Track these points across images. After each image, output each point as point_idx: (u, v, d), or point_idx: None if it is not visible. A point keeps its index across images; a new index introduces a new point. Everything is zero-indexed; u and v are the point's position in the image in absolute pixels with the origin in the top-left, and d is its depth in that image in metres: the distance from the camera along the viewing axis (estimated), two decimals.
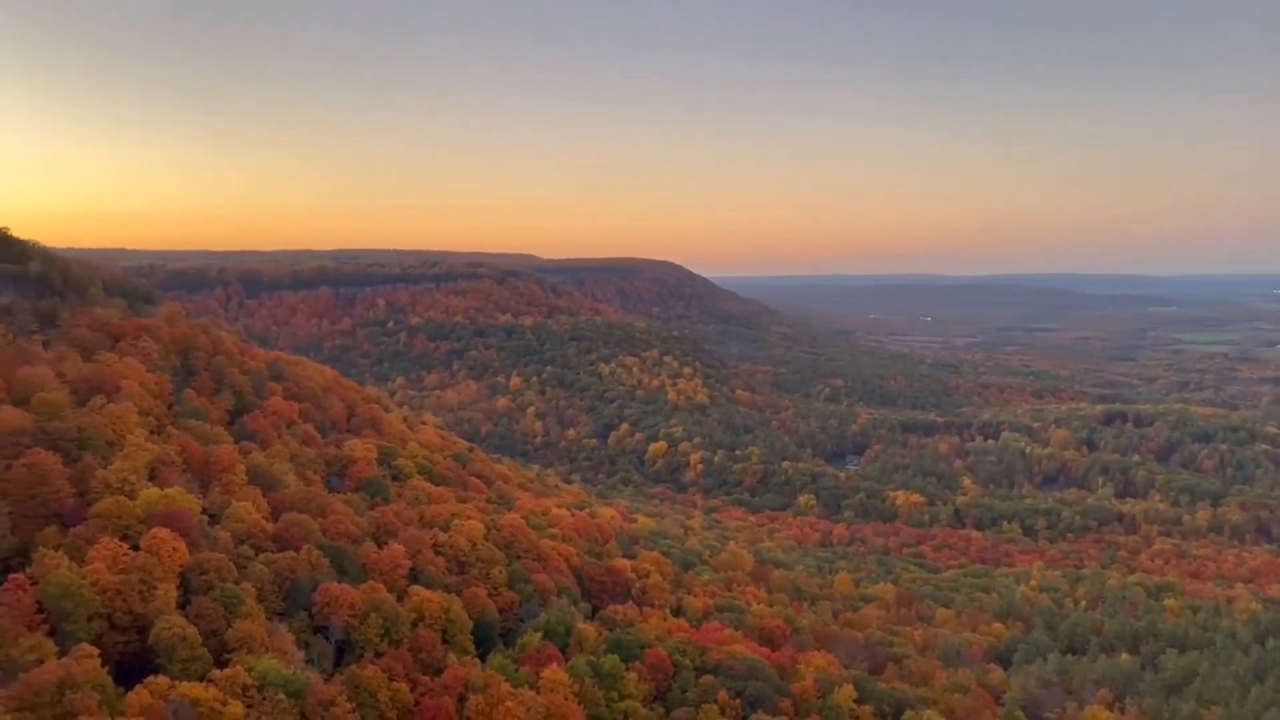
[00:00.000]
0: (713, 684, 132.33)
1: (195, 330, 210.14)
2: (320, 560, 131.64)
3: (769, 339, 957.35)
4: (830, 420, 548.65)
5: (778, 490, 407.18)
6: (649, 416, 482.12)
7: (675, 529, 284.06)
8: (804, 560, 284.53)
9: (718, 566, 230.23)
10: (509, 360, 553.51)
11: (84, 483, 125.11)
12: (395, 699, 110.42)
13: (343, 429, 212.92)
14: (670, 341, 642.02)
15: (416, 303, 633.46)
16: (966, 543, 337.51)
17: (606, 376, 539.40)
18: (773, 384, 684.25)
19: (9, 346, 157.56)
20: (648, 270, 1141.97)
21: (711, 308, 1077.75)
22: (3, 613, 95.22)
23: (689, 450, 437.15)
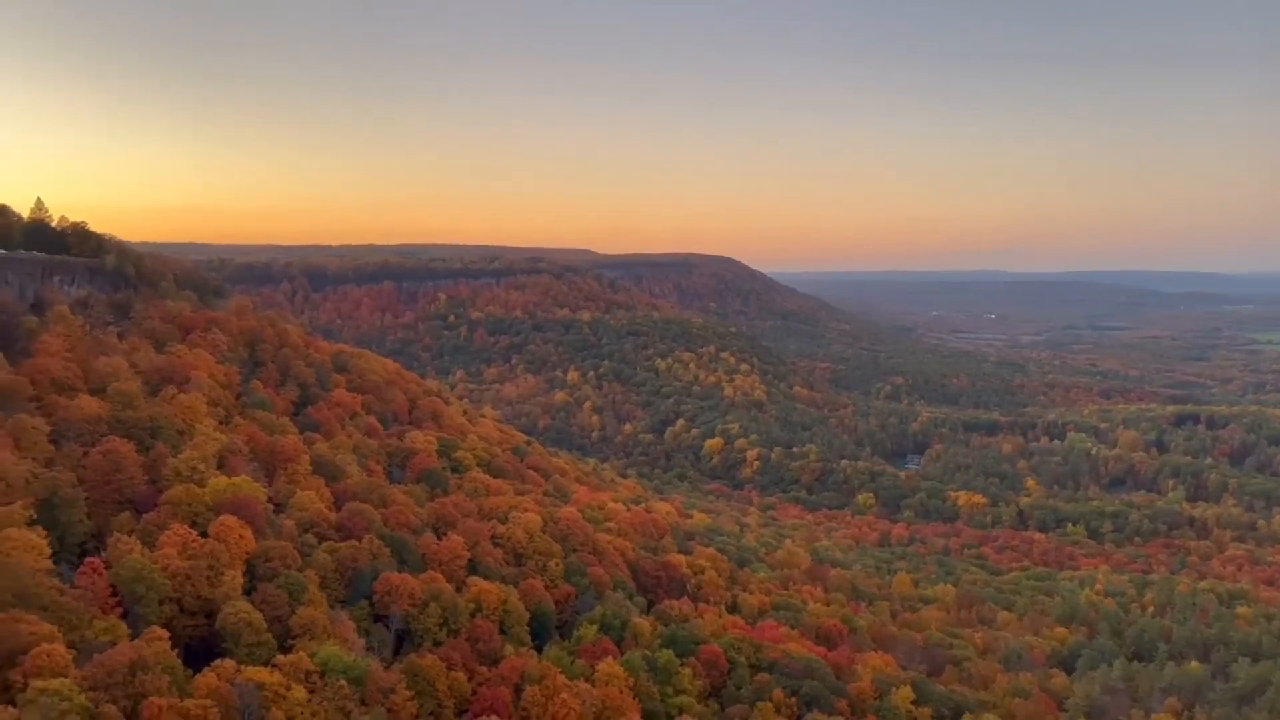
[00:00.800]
0: (768, 682, 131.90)
1: (262, 323, 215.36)
2: (381, 550, 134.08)
3: (828, 335, 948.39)
4: (890, 419, 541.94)
5: (836, 489, 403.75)
6: (705, 412, 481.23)
7: (731, 526, 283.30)
8: (862, 560, 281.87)
9: (774, 564, 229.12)
10: (567, 355, 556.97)
11: (156, 470, 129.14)
12: (453, 688, 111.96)
13: (404, 421, 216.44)
14: (727, 337, 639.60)
15: (477, 297, 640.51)
16: (1029, 545, 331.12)
17: (663, 372, 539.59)
18: (831, 381, 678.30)
19: (86, 337, 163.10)
20: (705, 266, 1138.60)
21: (769, 303, 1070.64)
22: (79, 595, 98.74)
23: (745, 447, 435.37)
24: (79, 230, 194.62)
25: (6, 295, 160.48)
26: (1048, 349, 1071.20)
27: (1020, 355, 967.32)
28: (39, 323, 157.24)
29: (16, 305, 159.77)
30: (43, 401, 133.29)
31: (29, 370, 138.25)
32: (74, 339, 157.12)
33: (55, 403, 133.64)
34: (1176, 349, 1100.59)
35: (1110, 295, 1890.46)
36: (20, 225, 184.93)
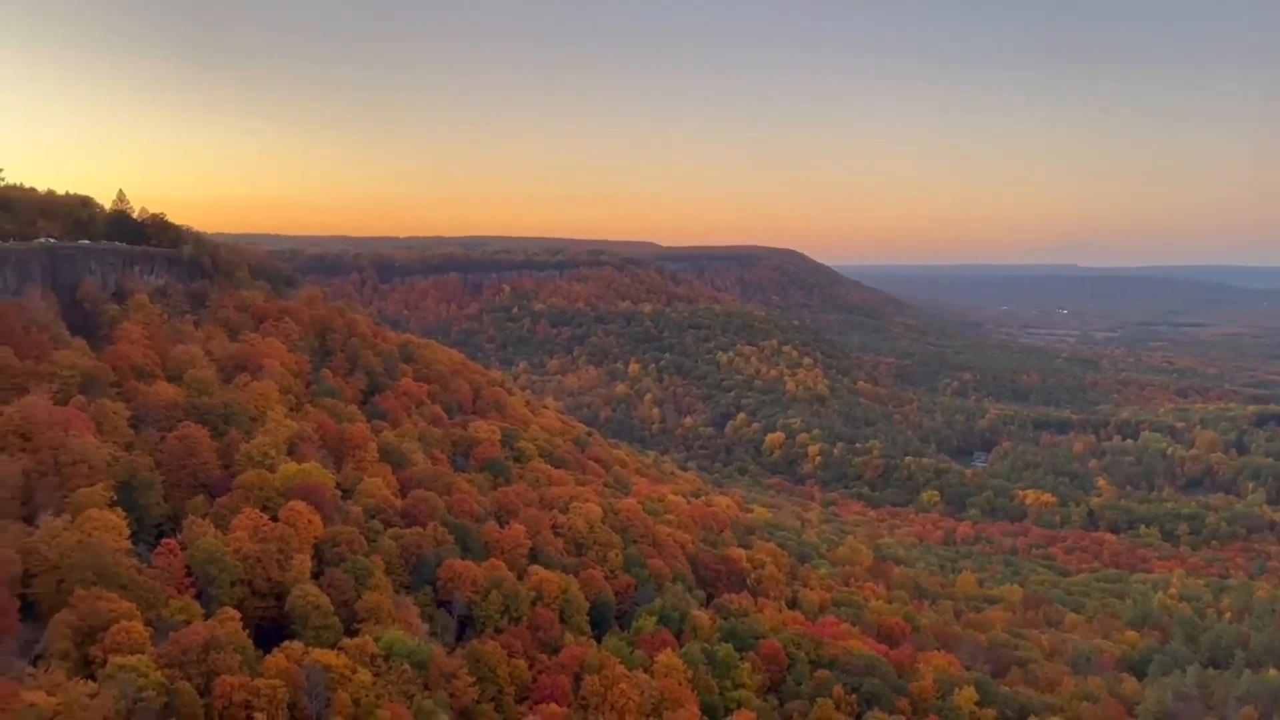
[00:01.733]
0: (828, 678, 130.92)
1: (332, 313, 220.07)
2: (445, 537, 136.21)
3: (893, 330, 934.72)
4: (957, 415, 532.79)
5: (899, 485, 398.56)
6: (767, 406, 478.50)
7: (792, 521, 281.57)
8: (925, 558, 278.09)
9: (835, 560, 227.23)
10: (628, 347, 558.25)
11: (229, 455, 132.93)
12: (514, 675, 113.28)
13: (468, 410, 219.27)
14: (790, 331, 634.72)
15: (540, 289, 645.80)
16: (1100, 546, 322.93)
17: (724, 365, 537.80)
18: (896, 376, 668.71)
19: (164, 325, 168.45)
20: (768, 258, 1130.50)
21: (834, 297, 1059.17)
22: (156, 575, 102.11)
23: (807, 442, 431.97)
24: (158, 221, 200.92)
25: (90, 284, 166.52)
26: (1122, 346, 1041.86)
27: (1093, 352, 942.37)
28: (120, 311, 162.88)
29: (99, 294, 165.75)
30: (123, 387, 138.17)
31: (110, 357, 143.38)
32: (153, 327, 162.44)
33: (135, 388, 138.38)
34: (1258, 346, 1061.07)
35: (1188, 290, 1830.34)
36: (103, 217, 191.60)
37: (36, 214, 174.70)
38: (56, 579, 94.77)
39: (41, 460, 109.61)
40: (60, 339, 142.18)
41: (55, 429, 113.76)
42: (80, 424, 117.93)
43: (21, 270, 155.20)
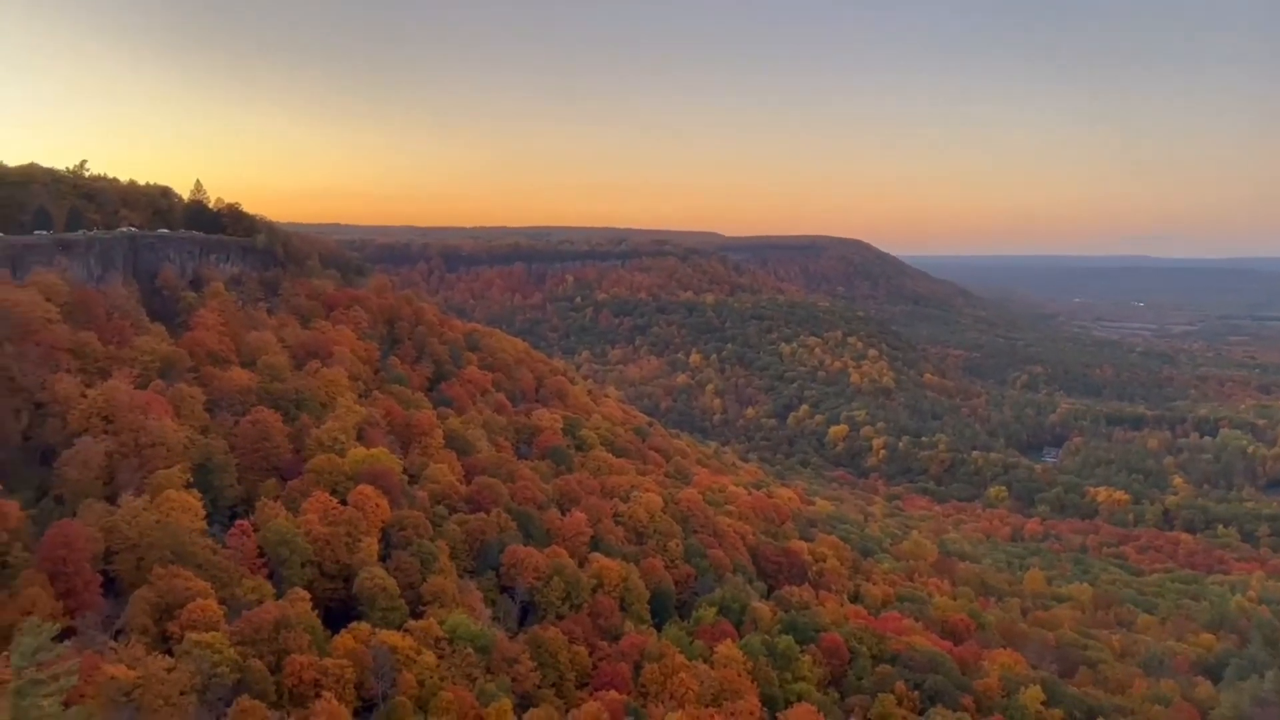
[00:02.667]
0: (890, 674, 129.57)
1: (400, 301, 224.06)
2: (508, 523, 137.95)
3: (962, 321, 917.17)
4: (1026, 409, 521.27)
5: (966, 480, 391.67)
6: (830, 398, 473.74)
7: (855, 514, 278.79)
8: (992, 554, 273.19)
9: (899, 555, 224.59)
10: (690, 337, 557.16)
11: (300, 440, 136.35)
12: (574, 661, 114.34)
13: (531, 399, 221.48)
14: (855, 322, 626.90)
15: (603, 279, 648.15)
16: (1175, 546, 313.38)
17: (787, 356, 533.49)
18: (964, 369, 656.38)
19: (239, 313, 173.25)
20: (833, 248, 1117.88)
21: (900, 288, 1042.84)
22: (229, 555, 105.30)
23: (872, 435, 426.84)
24: (233, 211, 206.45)
25: (169, 272, 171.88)
26: (1201, 340, 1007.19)
27: (1170, 346, 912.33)
28: (197, 298, 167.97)
29: (178, 281, 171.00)
30: (199, 372, 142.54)
31: (187, 343, 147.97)
32: (227, 314, 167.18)
33: (210, 374, 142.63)
34: None
35: (1272, 283, 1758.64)
36: (182, 206, 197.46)
37: (119, 204, 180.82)
38: (136, 557, 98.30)
39: (123, 442, 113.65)
40: (140, 325, 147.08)
41: (136, 412, 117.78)
42: (159, 408, 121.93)
43: (105, 258, 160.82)
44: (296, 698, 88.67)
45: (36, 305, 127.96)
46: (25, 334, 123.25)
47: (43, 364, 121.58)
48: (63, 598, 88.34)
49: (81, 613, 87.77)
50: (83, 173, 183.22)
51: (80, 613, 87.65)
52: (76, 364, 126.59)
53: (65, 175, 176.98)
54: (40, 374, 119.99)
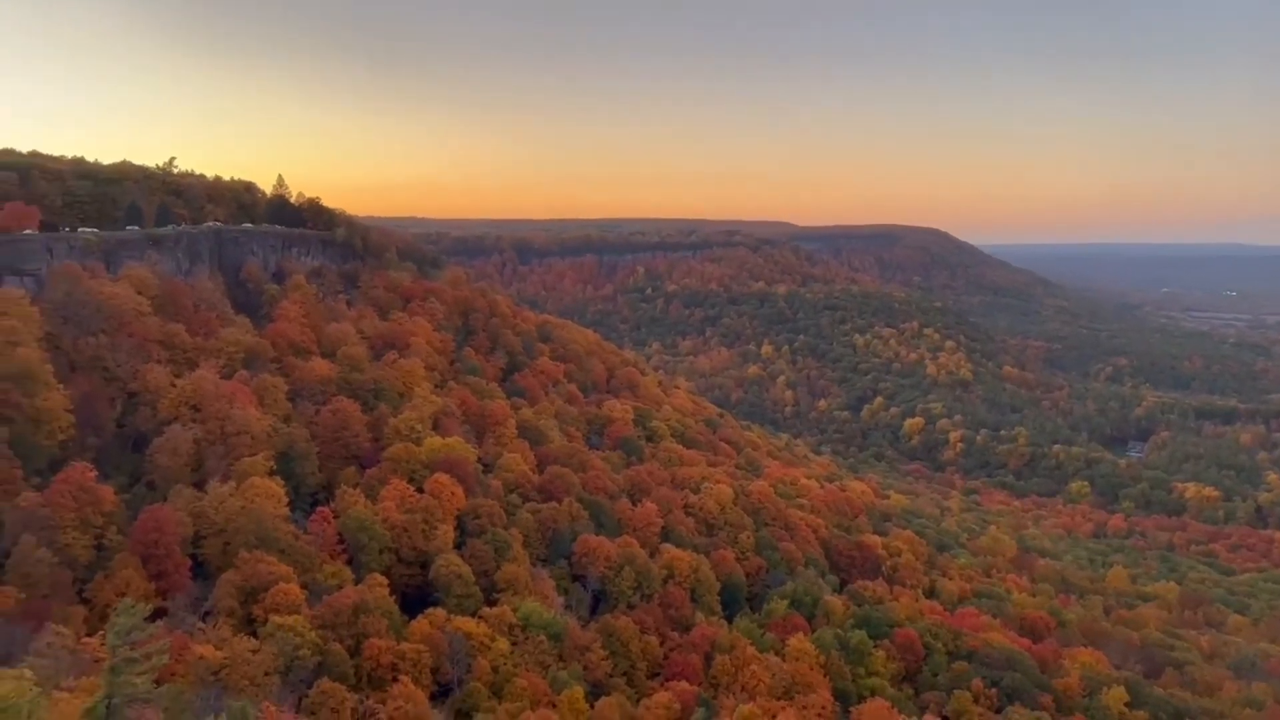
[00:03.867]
0: (966, 671, 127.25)
1: (475, 293, 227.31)
2: (580, 513, 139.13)
3: (1043, 312, 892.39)
4: (1110, 402, 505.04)
5: (1046, 475, 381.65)
6: (906, 390, 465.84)
7: (931, 509, 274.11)
8: (1073, 551, 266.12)
9: (976, 550, 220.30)
10: (761, 328, 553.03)
11: (378, 429, 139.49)
12: (646, 651, 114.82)
13: (602, 390, 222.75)
14: (932, 313, 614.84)
15: (673, 270, 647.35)
16: (1269, 544, 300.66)
17: (861, 348, 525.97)
18: (1045, 361, 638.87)
19: (319, 305, 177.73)
20: (909, 238, 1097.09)
21: (979, 278, 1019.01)
22: (311, 541, 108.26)
23: (949, 428, 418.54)
24: (314, 206, 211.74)
25: (253, 265, 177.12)
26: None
27: (1264, 337, 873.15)
28: (279, 290, 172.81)
29: (261, 274, 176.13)
30: (282, 363, 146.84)
31: (271, 334, 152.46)
32: (309, 306, 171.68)
33: (292, 364, 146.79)
34: None
35: None
36: (264, 201, 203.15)
37: (205, 199, 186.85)
38: (223, 541, 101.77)
39: (210, 430, 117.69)
40: (226, 317, 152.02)
41: (222, 401, 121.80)
42: (244, 397, 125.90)
43: (192, 251, 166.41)
44: (375, 681, 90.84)
45: (129, 298, 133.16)
46: (119, 326, 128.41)
47: (135, 355, 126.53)
48: (154, 579, 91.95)
49: (172, 594, 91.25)
50: (171, 170, 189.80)
51: (171, 594, 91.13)
52: (166, 355, 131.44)
53: (155, 172, 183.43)
54: (133, 364, 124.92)
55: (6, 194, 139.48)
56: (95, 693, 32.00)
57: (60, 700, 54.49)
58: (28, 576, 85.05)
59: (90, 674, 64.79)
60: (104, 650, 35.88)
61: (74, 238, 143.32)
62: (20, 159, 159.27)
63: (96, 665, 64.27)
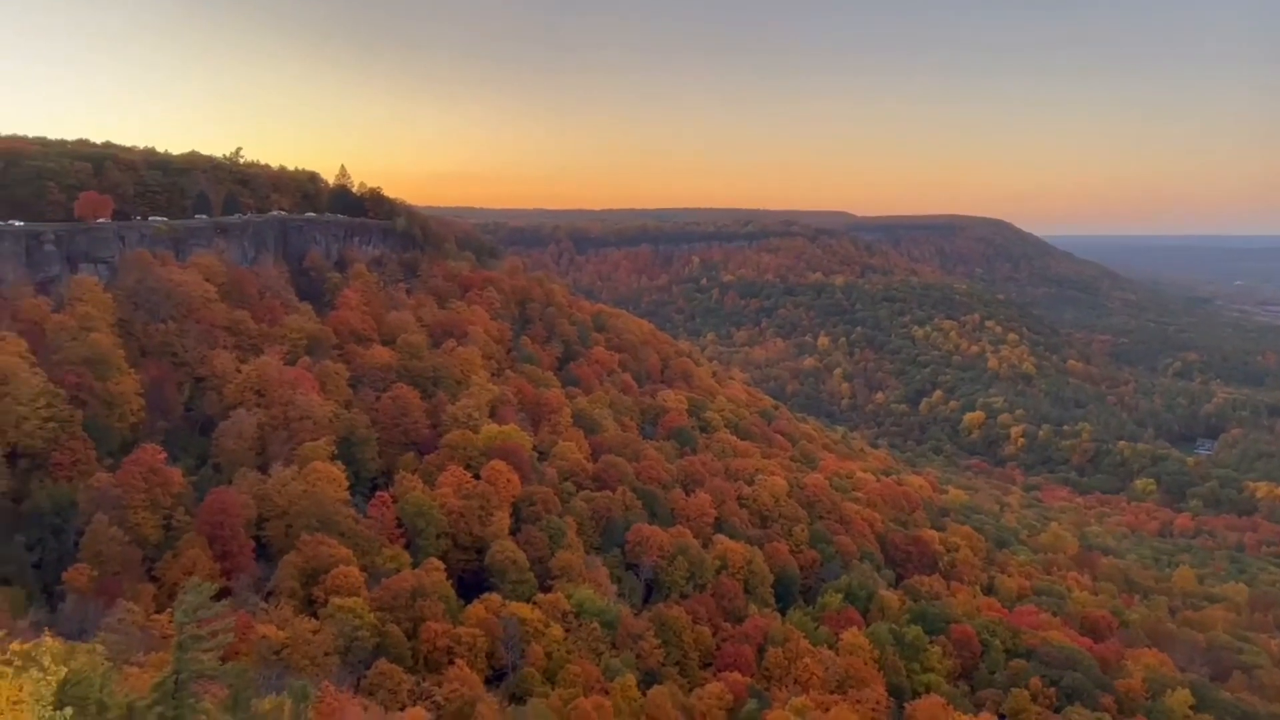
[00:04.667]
0: (1025, 669, 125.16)
1: (531, 283, 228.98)
2: (633, 501, 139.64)
3: (1109, 305, 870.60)
4: (1179, 398, 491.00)
5: (1110, 472, 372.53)
6: (966, 384, 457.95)
7: (990, 504, 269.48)
8: (1138, 549, 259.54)
9: (1036, 547, 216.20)
10: (818, 319, 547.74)
11: (436, 415, 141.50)
12: (698, 641, 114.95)
13: (657, 380, 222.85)
14: (994, 305, 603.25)
15: (729, 260, 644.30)
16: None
17: (920, 340, 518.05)
18: (1111, 355, 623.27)
19: (380, 293, 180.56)
20: (971, 228, 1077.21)
21: (1043, 269, 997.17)
22: (370, 525, 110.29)
23: (1010, 422, 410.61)
24: (375, 195, 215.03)
25: (316, 254, 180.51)
26: None
27: None
28: (341, 279, 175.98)
29: (324, 263, 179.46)
30: (343, 350, 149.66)
31: (333, 321, 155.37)
32: (370, 294, 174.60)
33: (353, 351, 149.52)
34: None
35: None
36: (327, 191, 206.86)
37: (270, 189, 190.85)
38: (285, 524, 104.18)
39: (274, 415, 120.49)
40: (290, 304, 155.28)
41: (285, 387, 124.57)
42: (307, 383, 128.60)
43: (258, 240, 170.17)
44: (431, 663, 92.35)
45: (197, 285, 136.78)
46: (187, 312, 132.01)
47: (202, 340, 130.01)
48: (220, 560, 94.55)
49: (236, 574, 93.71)
50: (238, 160, 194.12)
51: (235, 574, 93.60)
52: (232, 341, 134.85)
53: (222, 162, 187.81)
54: (200, 350, 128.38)
55: (82, 184, 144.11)
56: (164, 668, 33.04)
57: (130, 675, 56.36)
58: (100, 554, 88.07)
59: (159, 650, 67.01)
60: (172, 627, 37.03)
61: (145, 226, 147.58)
62: (95, 150, 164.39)
63: (165, 641, 66.41)
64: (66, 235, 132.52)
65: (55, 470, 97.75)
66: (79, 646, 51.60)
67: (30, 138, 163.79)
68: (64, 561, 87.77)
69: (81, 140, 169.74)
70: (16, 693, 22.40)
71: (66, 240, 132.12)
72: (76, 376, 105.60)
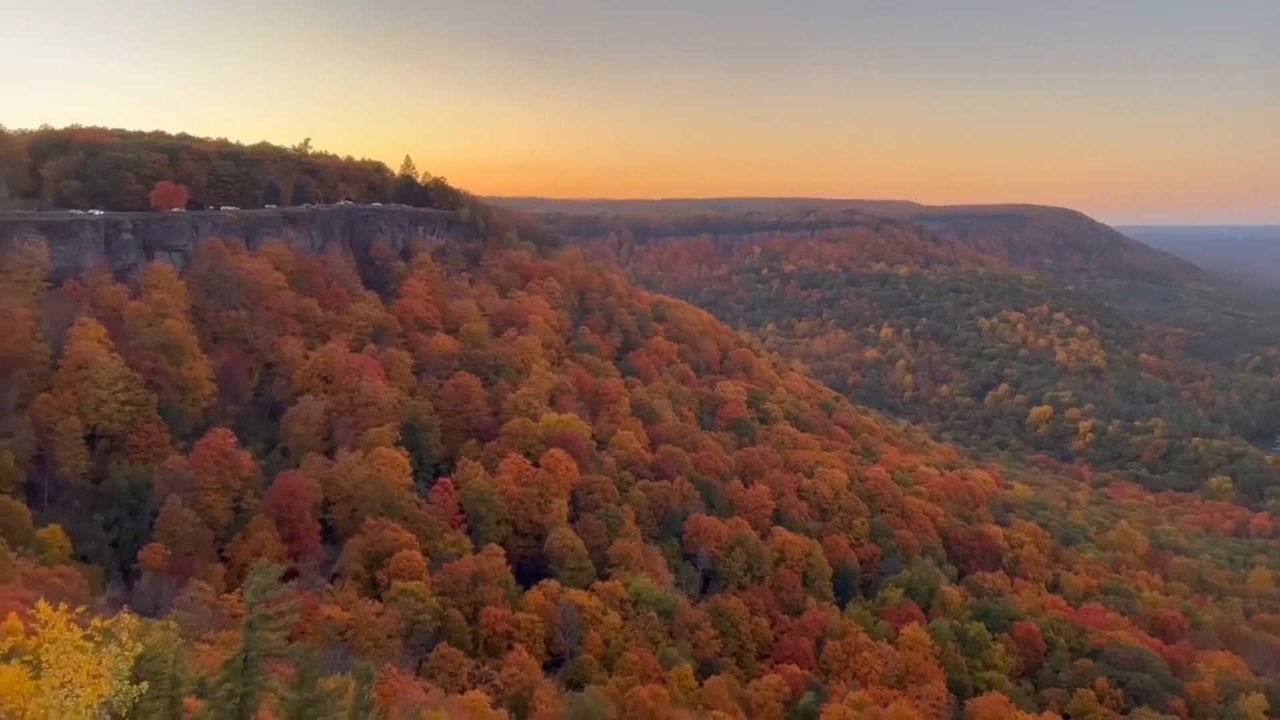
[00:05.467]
0: (1091, 669, 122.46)
1: (591, 273, 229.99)
2: (691, 492, 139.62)
3: (1184, 297, 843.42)
4: (1258, 394, 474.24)
5: (1184, 469, 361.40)
6: (1033, 377, 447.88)
7: (1056, 500, 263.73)
8: (1211, 549, 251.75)
9: (1104, 545, 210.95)
10: (880, 310, 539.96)
11: (497, 403, 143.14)
12: (755, 633, 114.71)
13: (716, 370, 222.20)
14: (1063, 297, 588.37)
15: (790, 250, 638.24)
16: None
17: (986, 332, 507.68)
18: (1186, 349, 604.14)
19: (443, 282, 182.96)
20: (1041, 218, 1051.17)
21: (1115, 261, 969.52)
22: (432, 510, 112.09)
23: (1078, 417, 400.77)
24: (439, 186, 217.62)
25: (382, 244, 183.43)
26: None
27: None
28: (406, 268, 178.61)
29: (389, 252, 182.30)
30: (408, 337, 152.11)
31: (398, 310, 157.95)
32: (433, 283, 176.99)
33: (417, 339, 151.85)
34: None
35: None
36: (393, 181, 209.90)
37: (338, 179, 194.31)
38: (350, 508, 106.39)
39: (340, 401, 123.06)
40: (356, 292, 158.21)
41: (351, 374, 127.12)
42: (372, 370, 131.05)
43: (325, 229, 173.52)
44: (490, 648, 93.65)
45: (267, 274, 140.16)
46: (257, 300, 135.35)
47: (271, 327, 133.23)
48: (287, 542, 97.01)
49: (303, 556, 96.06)
50: (306, 150, 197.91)
51: (302, 556, 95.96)
52: (300, 328, 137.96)
53: (292, 153, 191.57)
54: (270, 337, 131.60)
55: (158, 174, 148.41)
56: (233, 646, 34.01)
57: (201, 652, 58.23)
58: (174, 535, 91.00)
59: (228, 628, 69.04)
60: (241, 607, 38.11)
61: (217, 215, 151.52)
62: (171, 141, 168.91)
63: (234, 620, 68.41)
64: (143, 224, 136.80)
65: (132, 452, 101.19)
66: (153, 623, 53.45)
67: (110, 129, 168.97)
68: (139, 541, 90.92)
69: (158, 132, 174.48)
70: (96, 666, 23.24)
71: (143, 229, 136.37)
72: (152, 362, 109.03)
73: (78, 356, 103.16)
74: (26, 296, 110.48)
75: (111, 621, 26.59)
